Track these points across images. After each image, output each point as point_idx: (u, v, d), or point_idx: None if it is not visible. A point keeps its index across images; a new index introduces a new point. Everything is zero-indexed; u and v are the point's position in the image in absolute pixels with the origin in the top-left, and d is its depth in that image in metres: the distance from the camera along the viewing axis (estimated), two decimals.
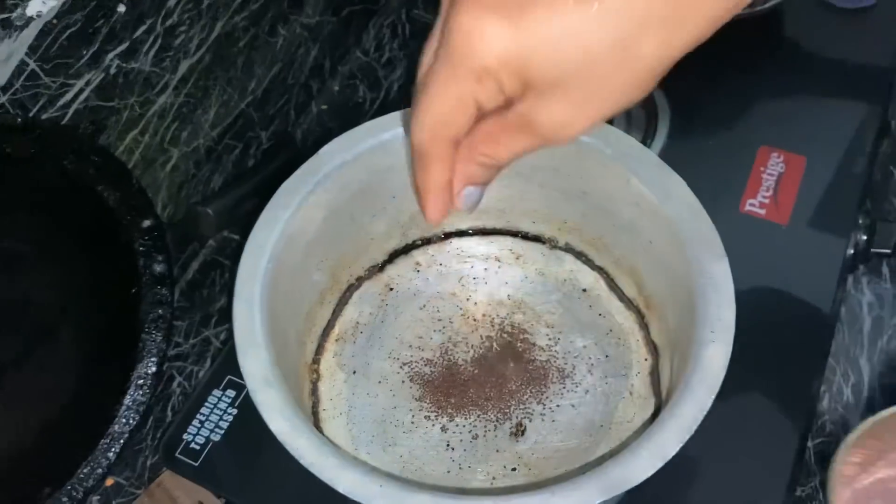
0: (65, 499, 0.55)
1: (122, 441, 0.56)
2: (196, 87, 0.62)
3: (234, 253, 0.67)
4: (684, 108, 0.64)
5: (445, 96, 0.28)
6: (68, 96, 0.51)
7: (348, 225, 0.47)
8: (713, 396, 0.33)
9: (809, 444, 0.56)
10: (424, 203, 0.32)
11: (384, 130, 0.44)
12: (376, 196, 0.46)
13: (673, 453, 0.32)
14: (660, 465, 0.32)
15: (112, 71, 0.53)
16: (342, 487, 0.32)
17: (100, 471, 0.56)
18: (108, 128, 0.56)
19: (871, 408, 0.57)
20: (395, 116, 0.44)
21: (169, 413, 0.58)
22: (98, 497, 0.56)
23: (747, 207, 0.57)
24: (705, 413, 0.33)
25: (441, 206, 0.32)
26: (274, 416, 0.34)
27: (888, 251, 0.57)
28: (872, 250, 0.57)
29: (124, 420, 0.57)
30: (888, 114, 0.68)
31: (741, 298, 0.37)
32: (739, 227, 0.56)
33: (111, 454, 0.56)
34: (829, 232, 0.56)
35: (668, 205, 0.40)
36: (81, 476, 0.55)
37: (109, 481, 0.57)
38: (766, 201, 0.58)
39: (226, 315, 0.63)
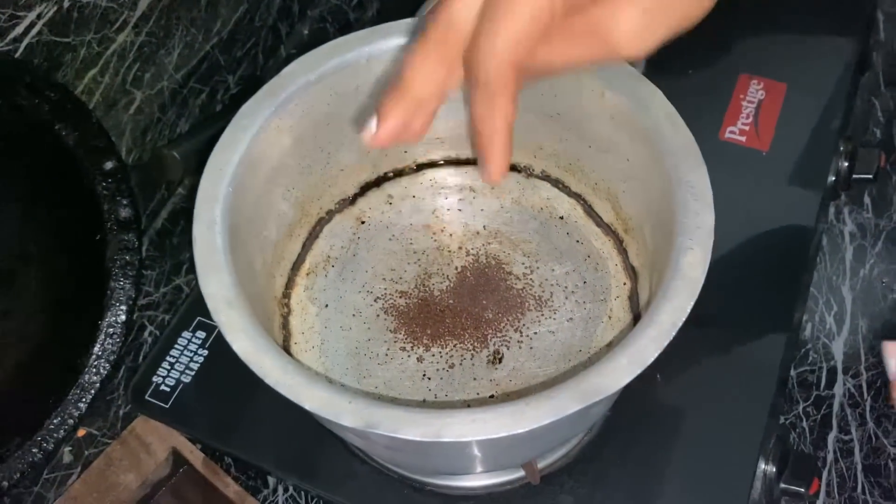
0: (35, 450, 0.53)
1: (92, 392, 0.55)
2: (157, 26, 0.59)
3: None
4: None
5: (521, 9, 0.25)
6: (19, 29, 0.49)
7: (316, 154, 0.45)
8: (692, 302, 0.32)
9: (792, 373, 0.56)
10: (491, 152, 0.27)
11: (349, 50, 0.42)
12: (343, 123, 0.45)
13: (651, 359, 0.31)
14: (638, 371, 0.31)
15: (65, 4, 0.51)
16: (309, 405, 0.31)
17: (71, 421, 0.54)
18: (65, 65, 0.53)
19: (854, 336, 0.57)
20: (360, 36, 0.42)
21: (141, 363, 0.57)
22: (70, 448, 0.55)
23: (727, 135, 0.56)
24: (684, 319, 0.32)
25: (508, 154, 0.27)
26: (237, 336, 0.32)
27: (870, 176, 0.56)
28: (854, 176, 0.56)
29: (94, 370, 0.56)
30: (869, 46, 0.67)
31: (721, 227, 0.35)
32: (720, 154, 0.55)
33: (82, 404, 0.55)
34: (811, 158, 0.55)
35: (645, 115, 0.38)
36: (52, 427, 0.54)
37: (81, 432, 0.56)
38: (747, 128, 0.56)
39: None
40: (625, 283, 0.45)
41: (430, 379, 0.43)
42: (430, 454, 0.35)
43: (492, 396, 0.42)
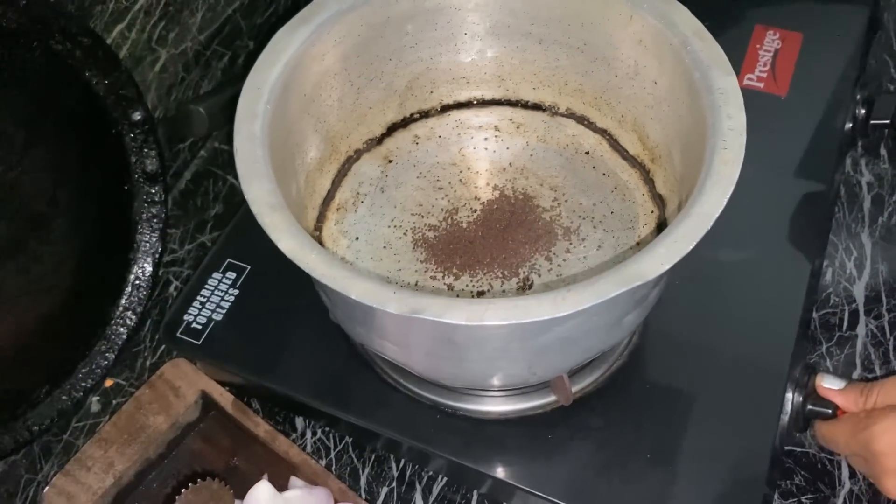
0: (64, 397, 0.54)
1: (119, 343, 0.55)
2: None
3: (227, 162, 0.66)
4: None
5: None
6: None
7: (346, 87, 0.46)
8: (727, 196, 0.33)
9: (814, 315, 0.56)
10: None
11: None
12: (372, 56, 0.45)
13: (689, 249, 0.32)
14: (676, 259, 0.31)
15: None
16: (356, 294, 0.31)
17: (98, 371, 0.55)
18: (95, 17, 0.54)
19: (874, 279, 0.57)
20: None
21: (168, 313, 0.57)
22: (98, 398, 0.55)
23: (745, 82, 0.57)
24: (720, 211, 0.33)
25: None
26: (283, 235, 0.33)
27: (888, 121, 0.56)
28: (871, 122, 0.57)
29: (121, 321, 0.56)
30: (879, 6, 0.68)
31: (742, 170, 0.36)
32: None
33: (110, 355, 0.56)
34: (828, 103, 0.56)
35: (673, 32, 0.39)
36: (80, 376, 0.54)
37: (109, 382, 0.56)
38: (764, 75, 0.57)
39: (221, 221, 0.62)
40: (652, 211, 0.46)
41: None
42: (469, 355, 0.36)
43: None
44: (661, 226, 0.45)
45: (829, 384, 0.44)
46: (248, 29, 0.69)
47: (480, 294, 0.44)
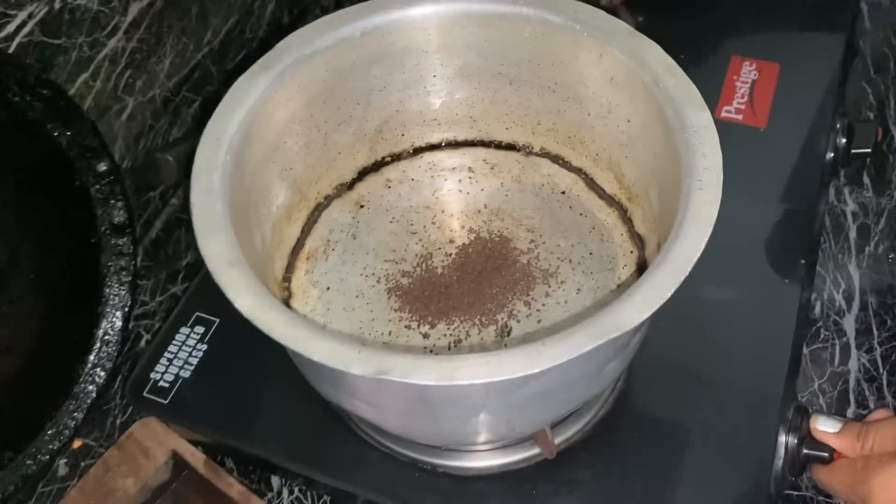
0: (29, 461, 0.52)
1: (88, 401, 0.53)
2: (148, 33, 0.59)
3: None
4: (651, 27, 0.63)
5: None
6: (10, 28, 0.49)
7: (312, 133, 0.44)
8: (706, 238, 0.32)
9: (805, 350, 0.54)
10: None
11: (344, 24, 0.42)
12: (339, 101, 0.44)
13: (667, 297, 0.30)
14: (654, 308, 0.30)
15: (56, 5, 0.51)
16: (318, 356, 0.29)
17: (66, 432, 0.52)
18: (57, 67, 0.53)
19: (864, 312, 0.56)
20: (355, 10, 0.42)
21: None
22: (65, 460, 0.53)
23: (723, 114, 0.56)
24: (699, 255, 0.31)
25: None
26: (241, 293, 0.31)
27: (869, 150, 0.55)
28: (853, 151, 0.56)
29: (90, 379, 0.54)
30: (855, 33, 0.67)
31: (723, 205, 0.34)
32: (718, 132, 0.54)
33: (78, 415, 0.53)
34: (808, 133, 0.55)
35: (644, 69, 0.38)
36: (46, 438, 0.52)
37: (77, 443, 0.54)
38: (742, 107, 0.56)
39: (193, 270, 0.60)
40: (632, 252, 0.44)
41: (437, 355, 0.42)
42: (442, 414, 0.34)
43: None
44: (641, 266, 0.44)
45: (823, 427, 0.42)
46: (218, 74, 0.68)
47: (457, 343, 0.42)
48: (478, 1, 0.42)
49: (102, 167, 0.53)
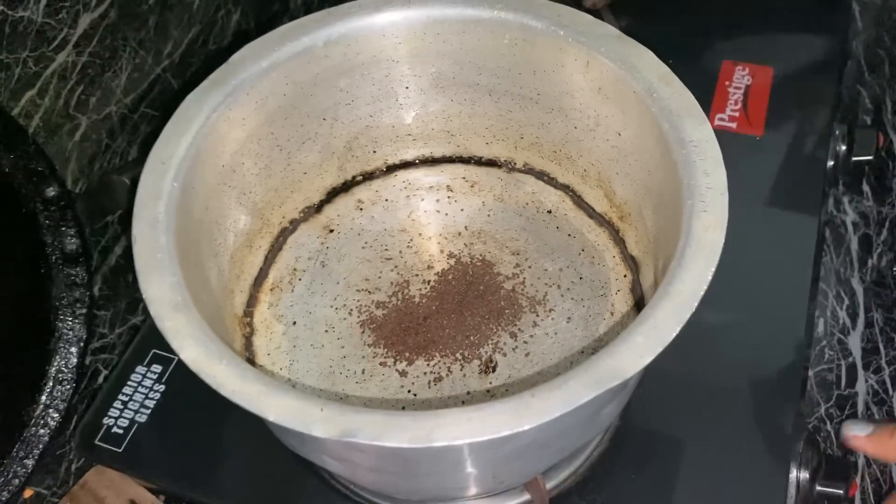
0: None
1: (40, 447, 0.49)
2: (102, 46, 0.55)
3: None
4: (636, 31, 0.60)
5: None
6: None
7: (274, 153, 0.40)
8: (712, 268, 0.28)
9: (810, 373, 0.51)
10: None
11: (305, 34, 0.38)
12: (303, 117, 0.40)
13: (672, 336, 0.27)
14: (659, 350, 0.26)
15: None
16: (274, 415, 0.26)
17: (16, 481, 0.48)
18: None
19: (870, 329, 0.53)
20: (317, 18, 0.39)
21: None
22: None
23: (717, 122, 0.53)
24: (706, 287, 0.28)
25: None
26: (185, 342, 0.27)
27: (870, 157, 0.52)
28: (853, 159, 0.53)
29: (42, 422, 0.50)
30: (848, 34, 0.64)
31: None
32: None
33: (28, 462, 0.49)
34: (807, 139, 0.52)
35: (636, 77, 0.34)
36: None
37: (28, 492, 0.50)
38: (736, 114, 0.53)
39: None
40: (625, 276, 0.41)
41: (415, 395, 0.38)
42: (420, 470, 0.30)
43: None
44: (633, 290, 0.40)
45: (855, 431, 0.38)
46: (180, 87, 0.64)
47: (437, 381, 0.38)
48: (451, 5, 0.39)
49: (51, 192, 0.49)
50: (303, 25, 0.38)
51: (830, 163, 0.53)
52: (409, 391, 0.38)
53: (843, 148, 0.53)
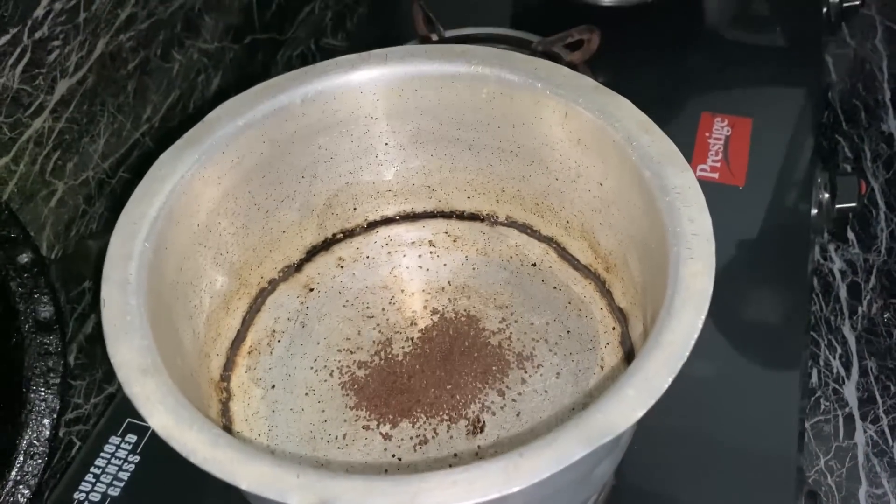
0: None
1: None
2: (79, 112, 0.55)
3: None
4: (615, 86, 0.60)
5: None
6: None
7: (251, 212, 0.40)
8: (702, 317, 0.27)
9: (806, 425, 0.50)
10: None
11: (281, 92, 0.38)
12: (281, 175, 0.40)
13: (664, 388, 0.25)
14: (651, 403, 0.25)
15: None
16: (246, 484, 0.24)
17: None
18: None
19: (865, 378, 0.52)
20: (293, 77, 0.38)
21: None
22: None
23: (699, 173, 0.53)
24: (697, 336, 0.27)
25: None
26: (154, 408, 0.26)
27: (853, 204, 0.52)
28: (837, 206, 0.53)
29: (12, 499, 0.48)
30: (822, 86, 0.65)
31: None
32: None
33: None
34: (790, 188, 0.52)
35: (615, 127, 0.34)
36: None
37: None
38: (718, 165, 0.53)
39: None
40: (613, 328, 0.40)
41: (400, 459, 0.36)
42: None
43: None
44: (622, 342, 0.39)
45: None
46: (159, 152, 0.63)
47: (423, 444, 0.37)
48: (428, 62, 0.39)
49: (24, 259, 0.48)
50: (279, 84, 0.38)
51: (814, 211, 0.52)
52: (393, 455, 0.36)
53: (826, 196, 0.53)
